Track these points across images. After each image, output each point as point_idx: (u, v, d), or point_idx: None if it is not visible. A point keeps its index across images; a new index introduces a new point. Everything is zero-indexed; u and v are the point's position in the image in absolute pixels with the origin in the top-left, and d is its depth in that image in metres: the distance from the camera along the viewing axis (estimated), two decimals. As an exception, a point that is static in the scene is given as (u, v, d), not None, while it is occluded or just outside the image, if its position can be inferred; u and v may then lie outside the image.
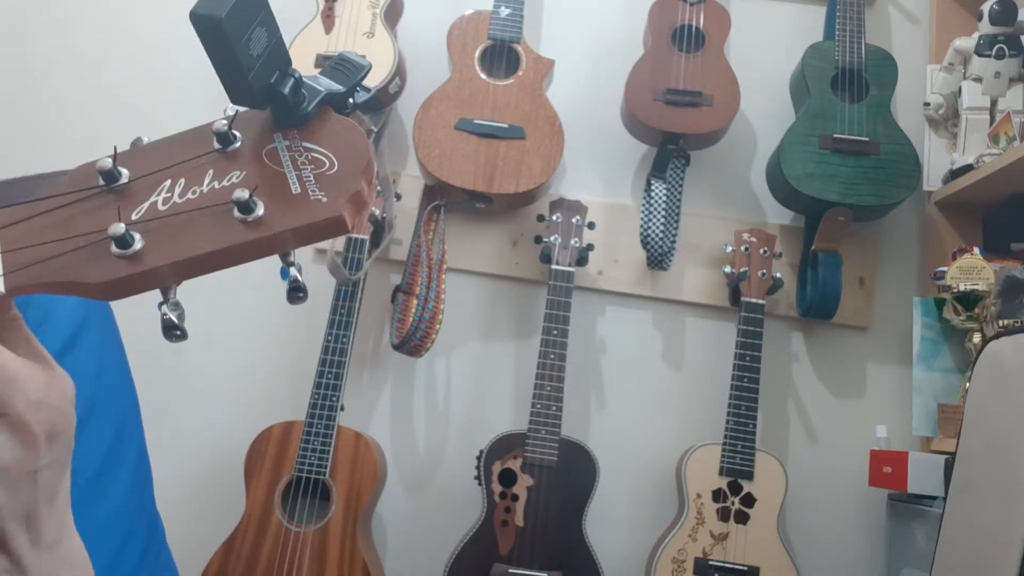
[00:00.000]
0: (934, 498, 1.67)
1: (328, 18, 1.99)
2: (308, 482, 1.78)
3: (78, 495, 0.67)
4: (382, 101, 1.95)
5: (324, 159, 0.45)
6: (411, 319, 1.89)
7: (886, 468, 1.77)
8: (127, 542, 0.72)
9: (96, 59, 2.26)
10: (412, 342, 1.89)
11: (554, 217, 1.94)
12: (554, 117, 1.94)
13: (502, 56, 2.01)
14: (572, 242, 1.92)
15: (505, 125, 1.92)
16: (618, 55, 2.08)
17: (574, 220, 1.94)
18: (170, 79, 2.22)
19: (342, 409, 1.82)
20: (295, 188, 0.44)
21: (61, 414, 0.44)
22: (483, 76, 1.98)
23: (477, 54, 1.99)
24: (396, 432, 2.06)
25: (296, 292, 0.45)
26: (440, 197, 1.98)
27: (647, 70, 1.96)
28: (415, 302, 1.91)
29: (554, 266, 1.90)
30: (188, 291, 0.44)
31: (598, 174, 2.15)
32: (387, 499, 1.97)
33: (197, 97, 2.17)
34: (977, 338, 1.79)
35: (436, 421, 2.07)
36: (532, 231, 2.02)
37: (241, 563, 1.75)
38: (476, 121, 1.92)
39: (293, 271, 0.45)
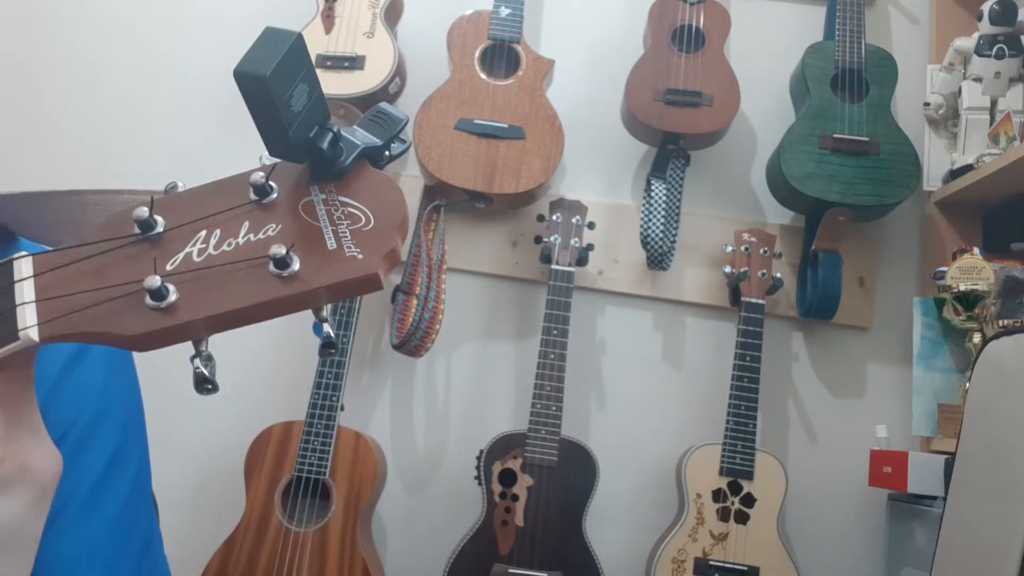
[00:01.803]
0: (934, 498, 1.67)
1: (328, 18, 1.99)
2: (308, 482, 1.78)
3: (76, 505, 0.67)
4: (382, 101, 1.95)
5: (360, 215, 0.45)
6: (411, 319, 1.89)
7: (886, 468, 1.77)
8: (122, 551, 0.72)
9: (96, 60, 2.26)
10: (412, 342, 1.89)
11: (554, 217, 1.94)
12: (554, 117, 1.94)
13: (502, 56, 2.01)
14: (572, 242, 1.92)
15: (505, 125, 1.92)
16: (618, 55, 2.08)
17: (574, 220, 1.94)
18: (170, 80, 2.22)
19: (342, 409, 1.82)
20: (331, 244, 0.44)
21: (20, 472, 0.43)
22: (483, 76, 1.98)
23: (477, 54, 1.99)
24: (396, 432, 2.06)
25: (328, 348, 0.45)
26: (440, 197, 1.98)
27: (647, 70, 1.96)
28: (415, 302, 1.91)
29: (554, 266, 1.90)
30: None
31: (598, 174, 2.15)
32: (387, 499, 1.97)
33: (198, 98, 2.18)
34: (977, 338, 1.78)
35: (436, 421, 2.07)
36: (532, 231, 2.02)
37: (241, 563, 1.75)
38: (476, 121, 1.92)
39: (327, 327, 0.45)
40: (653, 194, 1.95)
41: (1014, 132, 1.81)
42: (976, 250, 1.80)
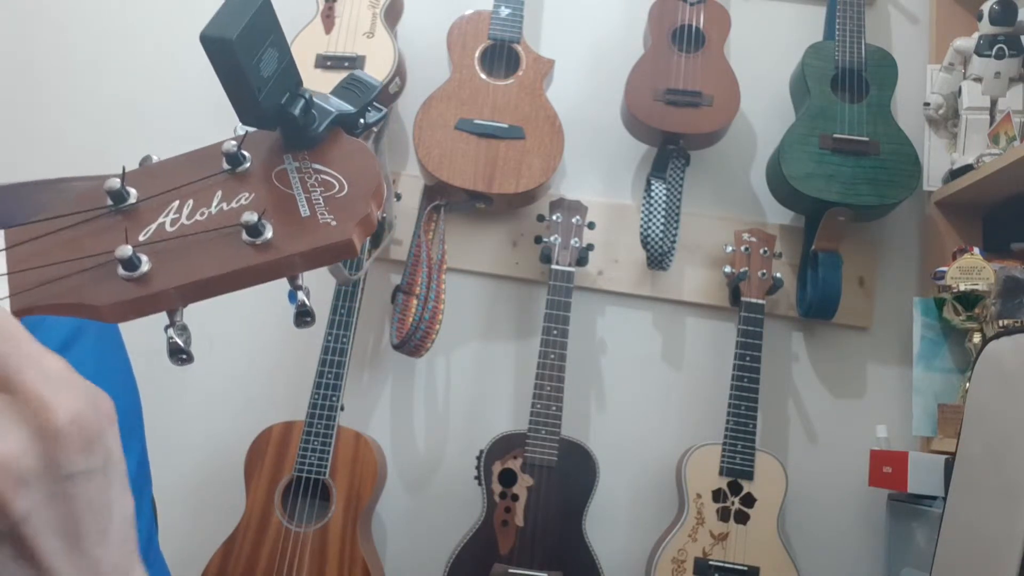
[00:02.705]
0: (934, 498, 1.67)
1: (328, 18, 1.99)
2: (308, 482, 1.78)
3: None
4: (382, 101, 1.95)
5: (334, 181, 0.45)
6: (411, 319, 1.89)
7: (886, 468, 1.77)
8: None
9: (96, 60, 2.26)
10: (412, 342, 1.89)
11: (554, 217, 1.94)
12: (554, 117, 1.94)
13: (502, 56, 2.01)
14: (572, 242, 1.92)
15: (505, 125, 1.92)
16: (618, 55, 2.08)
17: (574, 220, 1.94)
18: (171, 80, 2.22)
19: (342, 409, 1.82)
20: (304, 211, 0.44)
21: (96, 412, 0.39)
22: (483, 76, 1.98)
23: (477, 54, 1.99)
24: (396, 432, 2.06)
25: (304, 316, 0.45)
26: (440, 197, 1.98)
27: (647, 70, 1.96)
28: (415, 302, 1.91)
29: (554, 266, 1.90)
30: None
31: (598, 174, 2.15)
32: (387, 499, 1.97)
33: (198, 98, 2.17)
34: (977, 338, 1.78)
35: (436, 421, 2.07)
36: (532, 231, 2.02)
37: (241, 563, 1.75)
38: (476, 121, 1.92)
39: (301, 295, 0.45)
40: (653, 194, 1.95)
41: (1014, 132, 1.81)
42: (976, 250, 1.80)
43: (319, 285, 1.96)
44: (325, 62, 1.93)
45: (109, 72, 2.26)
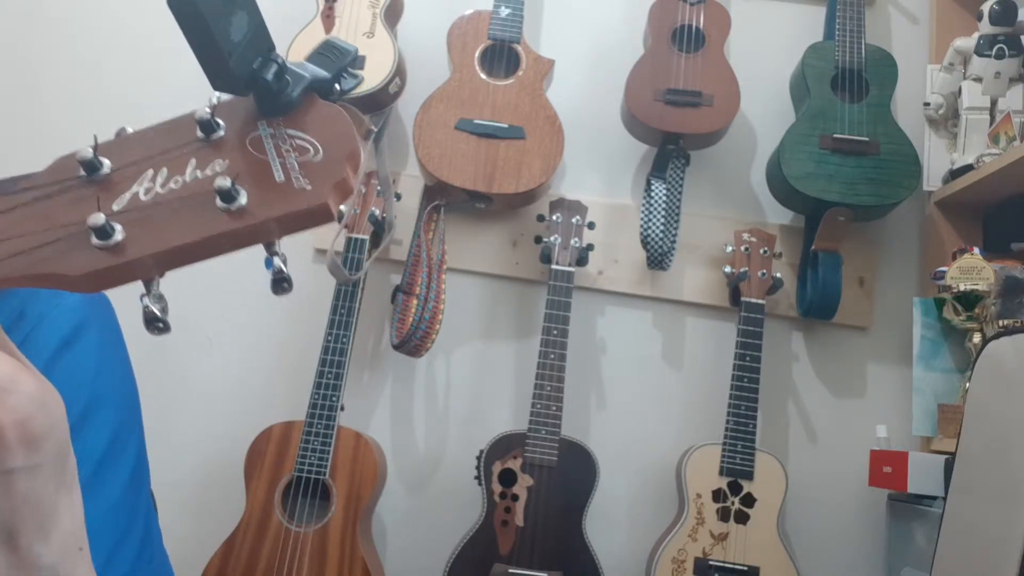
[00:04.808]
0: (934, 498, 1.67)
1: (328, 18, 1.99)
2: (308, 482, 1.78)
3: None
4: (382, 101, 1.95)
5: (309, 146, 0.44)
6: (411, 319, 1.89)
7: (886, 468, 1.77)
8: (122, 541, 0.71)
9: (96, 59, 2.26)
10: (412, 342, 1.89)
11: (554, 217, 1.94)
12: (554, 117, 1.94)
13: (502, 56, 2.01)
14: (572, 242, 1.92)
15: (505, 125, 1.92)
16: (618, 55, 2.08)
17: (574, 220, 1.94)
18: (171, 79, 2.22)
19: (342, 409, 1.82)
20: (279, 176, 0.44)
21: (45, 412, 0.40)
22: (483, 76, 1.98)
23: (477, 54, 1.99)
24: (396, 432, 2.06)
25: (281, 283, 0.45)
26: (440, 197, 1.98)
27: (647, 70, 1.96)
28: (415, 302, 1.91)
29: (554, 266, 1.90)
30: (189, 292, 0.44)
31: (598, 174, 2.15)
32: (387, 499, 1.97)
33: (198, 98, 2.17)
34: (977, 338, 1.78)
35: (436, 421, 2.07)
36: (532, 231, 2.02)
37: (241, 563, 1.75)
38: (476, 121, 1.92)
39: (277, 261, 0.44)
40: (653, 194, 1.95)
41: (1014, 132, 1.81)
42: (976, 250, 1.80)
43: (319, 285, 1.96)
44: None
45: (109, 72, 2.26)
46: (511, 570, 1.76)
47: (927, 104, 2.04)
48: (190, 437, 2.04)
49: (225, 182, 0.42)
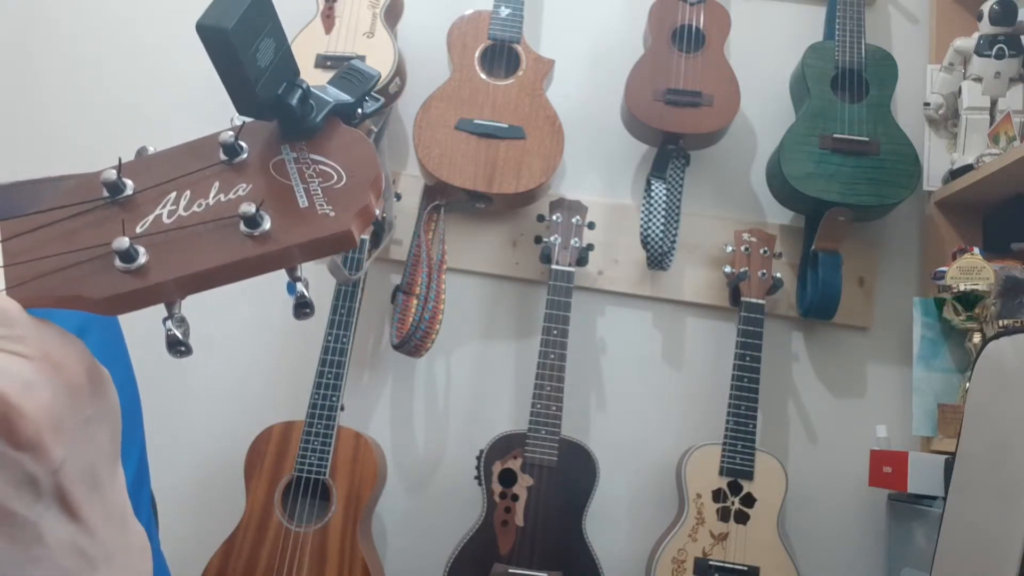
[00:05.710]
0: (934, 498, 1.67)
1: (328, 18, 1.99)
2: (308, 482, 1.78)
3: None
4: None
5: (332, 172, 0.44)
6: (411, 319, 1.89)
7: (886, 468, 1.77)
8: None
9: (97, 59, 2.26)
10: (412, 342, 1.89)
11: (554, 217, 1.94)
12: (554, 117, 1.94)
13: (502, 56, 2.01)
14: (572, 242, 1.92)
15: (505, 125, 1.92)
16: (618, 55, 2.08)
17: (574, 220, 1.94)
18: (171, 79, 2.22)
19: (342, 409, 1.82)
20: (303, 202, 0.43)
21: (93, 361, 0.41)
22: (483, 76, 1.98)
23: (477, 54, 1.99)
24: (396, 432, 2.06)
25: (303, 308, 0.45)
26: (440, 197, 1.98)
27: (647, 70, 1.96)
28: (415, 302, 1.91)
29: (554, 266, 1.90)
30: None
31: (598, 174, 2.15)
32: (387, 499, 1.97)
33: (199, 97, 2.17)
34: (977, 338, 1.78)
35: (436, 421, 2.07)
36: (532, 231, 2.02)
37: (241, 563, 1.75)
38: (476, 121, 1.92)
39: (300, 287, 0.44)
40: (653, 194, 1.95)
41: (1014, 132, 1.81)
42: (976, 250, 1.80)
43: (319, 285, 1.96)
44: (325, 62, 1.93)
45: (109, 72, 2.26)
46: (511, 570, 1.76)
47: (927, 104, 2.04)
48: (190, 437, 2.04)
49: (250, 208, 0.42)
